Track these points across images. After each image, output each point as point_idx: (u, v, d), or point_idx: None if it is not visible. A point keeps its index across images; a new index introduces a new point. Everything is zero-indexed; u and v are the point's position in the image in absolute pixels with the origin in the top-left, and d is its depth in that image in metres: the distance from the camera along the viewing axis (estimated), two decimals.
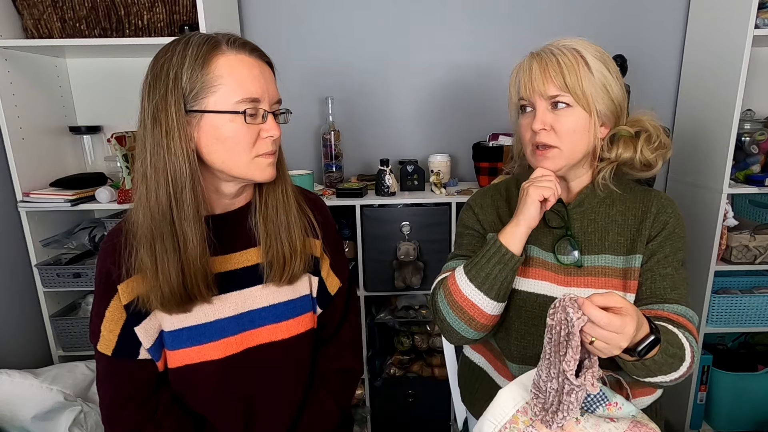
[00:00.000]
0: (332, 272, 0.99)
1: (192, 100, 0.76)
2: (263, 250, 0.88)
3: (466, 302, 0.87)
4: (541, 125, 0.86)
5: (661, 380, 0.80)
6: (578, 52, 0.85)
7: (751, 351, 1.93)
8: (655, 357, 0.74)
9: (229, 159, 0.79)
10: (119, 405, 0.85)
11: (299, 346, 0.95)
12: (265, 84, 0.80)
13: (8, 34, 1.55)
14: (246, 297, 0.89)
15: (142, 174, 0.79)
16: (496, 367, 1.03)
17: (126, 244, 0.80)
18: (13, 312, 1.60)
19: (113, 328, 0.83)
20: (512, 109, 0.96)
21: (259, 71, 0.80)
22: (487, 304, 0.87)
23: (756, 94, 1.81)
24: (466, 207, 1.05)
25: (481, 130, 1.88)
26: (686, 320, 0.85)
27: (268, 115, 0.80)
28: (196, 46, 0.76)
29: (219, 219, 0.87)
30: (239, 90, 0.76)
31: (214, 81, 0.76)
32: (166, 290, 0.79)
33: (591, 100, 0.85)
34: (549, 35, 0.94)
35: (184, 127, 0.76)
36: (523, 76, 0.88)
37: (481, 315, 0.87)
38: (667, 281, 0.88)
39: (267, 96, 0.80)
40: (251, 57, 0.79)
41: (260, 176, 0.82)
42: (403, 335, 1.85)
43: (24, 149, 1.58)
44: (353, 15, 1.86)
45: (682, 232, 0.91)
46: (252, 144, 0.79)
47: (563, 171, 0.91)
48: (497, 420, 0.81)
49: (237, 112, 0.77)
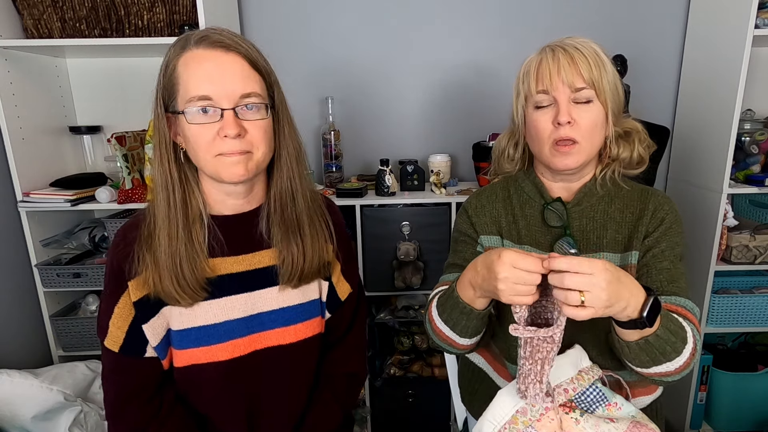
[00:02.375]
0: (343, 278, 0.99)
1: (169, 100, 0.78)
2: (276, 253, 0.88)
3: (442, 335, 0.90)
4: (568, 117, 0.84)
5: (666, 369, 0.79)
6: (595, 50, 0.86)
7: (751, 351, 1.92)
8: (658, 331, 0.74)
9: (199, 158, 0.79)
10: (123, 402, 0.85)
11: (306, 350, 0.94)
12: (221, 79, 0.75)
13: (8, 34, 1.55)
14: (256, 299, 0.89)
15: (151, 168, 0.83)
16: (495, 368, 1.03)
17: (140, 239, 0.81)
18: (13, 312, 1.61)
19: (121, 325, 0.83)
20: (519, 105, 0.93)
21: (214, 65, 0.75)
22: (459, 339, 0.88)
23: (756, 94, 1.81)
24: (461, 210, 1.04)
25: (481, 130, 1.88)
26: (686, 311, 0.85)
27: (224, 112, 0.75)
28: (173, 46, 0.78)
29: (229, 219, 0.86)
30: (191, 88, 0.75)
31: (176, 80, 0.76)
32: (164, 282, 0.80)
33: (608, 96, 0.86)
34: (549, 35, 0.94)
35: (163, 128, 0.78)
36: (548, 67, 0.86)
37: (458, 345, 0.90)
38: (664, 275, 0.88)
39: (223, 91, 0.75)
40: (207, 50, 0.75)
41: (226, 175, 0.79)
42: (403, 335, 1.85)
43: (24, 149, 1.58)
44: (353, 15, 1.86)
45: (679, 228, 0.91)
46: (209, 143, 0.77)
47: (579, 168, 0.91)
48: (497, 420, 0.81)
49: (180, 112, 0.76)
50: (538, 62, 0.88)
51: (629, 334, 0.75)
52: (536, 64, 0.88)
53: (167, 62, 0.78)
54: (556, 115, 0.85)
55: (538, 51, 0.90)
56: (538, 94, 0.87)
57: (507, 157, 1.02)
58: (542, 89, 0.87)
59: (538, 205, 0.97)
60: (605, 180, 0.93)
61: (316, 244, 0.89)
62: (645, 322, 0.71)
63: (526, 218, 0.97)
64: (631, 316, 0.71)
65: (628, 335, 0.76)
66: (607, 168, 0.93)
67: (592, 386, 0.83)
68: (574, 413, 0.80)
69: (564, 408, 0.80)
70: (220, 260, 0.85)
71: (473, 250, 0.99)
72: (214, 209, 0.86)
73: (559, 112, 0.85)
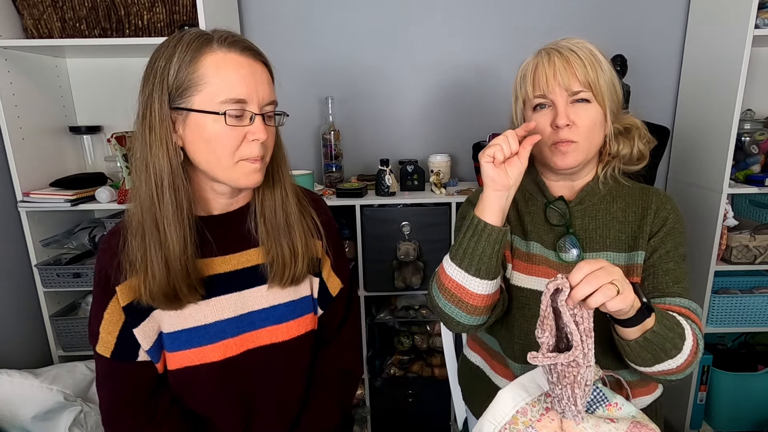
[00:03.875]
0: (333, 273, 0.99)
1: (178, 97, 0.76)
2: (264, 251, 0.88)
3: (453, 284, 0.85)
4: (566, 120, 0.85)
5: (669, 366, 0.80)
6: (590, 51, 0.87)
7: (751, 351, 1.92)
8: (655, 327, 0.75)
9: (213, 160, 0.78)
10: (119, 407, 0.85)
11: (300, 348, 0.94)
12: (255, 85, 0.77)
13: (8, 34, 1.55)
14: (246, 298, 0.89)
15: (134, 168, 0.79)
16: (492, 366, 1.03)
17: (123, 245, 0.80)
18: (13, 312, 1.61)
19: (112, 330, 0.83)
20: (518, 108, 0.95)
21: (249, 71, 0.77)
22: (471, 282, 0.83)
23: (756, 94, 1.81)
24: (466, 202, 1.05)
25: (481, 130, 1.88)
26: (689, 311, 0.87)
27: (255, 117, 0.77)
28: (187, 42, 0.76)
29: (217, 219, 0.86)
30: (224, 90, 0.75)
31: (200, 79, 0.75)
32: (153, 285, 0.78)
33: (605, 95, 0.87)
34: (549, 35, 0.94)
35: (167, 124, 0.76)
36: (544, 72, 0.86)
37: (469, 296, 0.84)
38: (670, 276, 0.89)
39: (256, 97, 0.77)
40: (241, 56, 0.77)
41: (244, 182, 0.80)
42: (403, 335, 1.85)
43: (24, 149, 1.58)
44: (353, 15, 1.86)
45: (681, 227, 0.93)
46: (236, 147, 0.77)
47: (578, 167, 0.91)
48: (497, 420, 0.81)
49: (218, 113, 0.75)
50: (534, 66, 0.89)
51: (630, 333, 0.77)
52: (533, 68, 0.89)
53: (182, 58, 0.75)
54: (555, 118, 0.86)
55: (534, 54, 0.91)
56: (536, 98, 0.89)
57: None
58: (539, 93, 0.88)
59: (541, 203, 0.97)
60: (607, 178, 0.94)
61: (305, 244, 0.90)
62: (649, 305, 0.74)
63: (531, 215, 0.98)
64: (635, 305, 0.72)
65: (630, 333, 0.77)
66: (608, 166, 0.94)
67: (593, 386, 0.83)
68: None
69: None
70: (209, 260, 0.85)
71: None
72: (202, 209, 0.86)
73: (558, 115, 0.86)
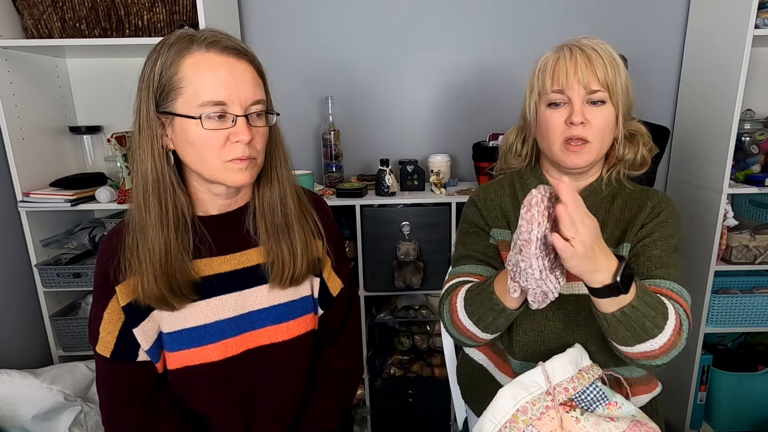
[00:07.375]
0: (334, 273, 0.99)
1: (163, 101, 0.76)
2: (264, 251, 0.88)
3: (464, 329, 0.89)
4: (582, 118, 0.85)
5: (650, 347, 0.76)
6: (610, 53, 0.86)
7: (751, 351, 1.93)
8: (634, 302, 0.73)
9: (200, 162, 0.78)
10: (119, 407, 0.85)
11: (300, 348, 0.94)
12: (235, 85, 0.75)
13: (8, 34, 1.55)
14: (246, 298, 0.89)
15: (131, 169, 0.81)
16: (497, 364, 1.03)
17: (123, 245, 0.80)
18: (13, 312, 1.60)
19: (111, 330, 0.83)
20: (532, 101, 0.93)
21: (228, 71, 0.75)
22: (482, 335, 0.88)
23: (756, 94, 1.81)
24: (470, 202, 1.05)
25: (481, 130, 1.87)
26: (672, 292, 0.84)
27: (238, 118, 0.76)
28: (170, 44, 0.76)
29: (216, 219, 0.86)
30: (202, 92, 0.74)
31: (179, 82, 0.74)
32: (147, 286, 0.79)
33: (620, 99, 0.87)
34: (549, 35, 0.94)
35: (154, 127, 0.76)
36: (564, 66, 0.86)
37: (478, 339, 0.90)
38: (653, 261, 0.87)
39: (237, 98, 0.75)
40: (221, 56, 0.75)
41: (231, 181, 0.79)
42: (403, 335, 1.85)
43: (24, 149, 1.58)
44: (353, 15, 1.86)
45: (675, 222, 0.92)
46: (220, 148, 0.76)
47: (588, 167, 0.91)
48: (497, 419, 0.81)
49: (196, 117, 0.74)
50: (555, 60, 0.88)
51: (606, 304, 0.74)
52: (553, 62, 0.88)
53: (164, 61, 0.76)
54: (570, 115, 0.86)
55: (555, 49, 0.90)
56: (553, 92, 0.88)
57: (514, 152, 1.02)
58: (558, 88, 0.87)
59: None
60: (611, 180, 0.94)
61: (305, 245, 0.89)
62: (619, 286, 0.71)
63: None
64: (604, 281, 0.71)
65: (605, 305, 0.74)
66: (613, 168, 0.94)
67: (593, 385, 0.83)
68: (574, 412, 0.80)
69: (564, 407, 0.80)
70: (207, 260, 0.85)
71: (486, 242, 1.00)
72: (200, 209, 0.86)
73: (574, 112, 0.85)
